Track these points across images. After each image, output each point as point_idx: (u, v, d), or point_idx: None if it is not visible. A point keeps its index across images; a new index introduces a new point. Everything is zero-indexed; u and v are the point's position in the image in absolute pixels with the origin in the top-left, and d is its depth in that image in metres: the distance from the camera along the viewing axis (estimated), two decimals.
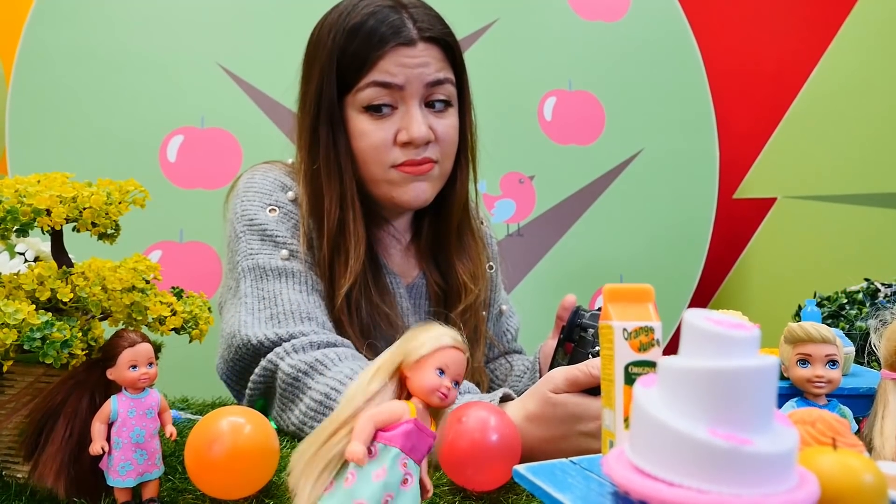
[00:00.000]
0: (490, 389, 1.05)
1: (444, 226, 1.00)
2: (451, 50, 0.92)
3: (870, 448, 0.56)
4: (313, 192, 0.92)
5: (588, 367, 0.64)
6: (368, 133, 0.89)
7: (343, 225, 0.90)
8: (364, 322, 0.91)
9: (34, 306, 0.54)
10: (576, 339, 0.84)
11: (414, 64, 0.87)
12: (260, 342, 0.81)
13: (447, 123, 0.92)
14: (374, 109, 0.88)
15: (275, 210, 0.92)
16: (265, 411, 0.82)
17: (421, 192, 0.92)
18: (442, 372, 0.45)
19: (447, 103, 0.92)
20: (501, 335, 1.13)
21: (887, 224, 2.04)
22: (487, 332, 1.06)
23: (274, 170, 0.97)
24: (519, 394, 1.05)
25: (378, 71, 0.87)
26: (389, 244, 1.00)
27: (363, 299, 0.91)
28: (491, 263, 1.11)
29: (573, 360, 0.80)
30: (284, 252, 0.89)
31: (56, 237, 0.60)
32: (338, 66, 0.89)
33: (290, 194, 0.94)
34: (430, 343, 0.46)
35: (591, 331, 0.81)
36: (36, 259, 0.92)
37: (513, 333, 1.15)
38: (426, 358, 0.46)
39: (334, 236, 0.90)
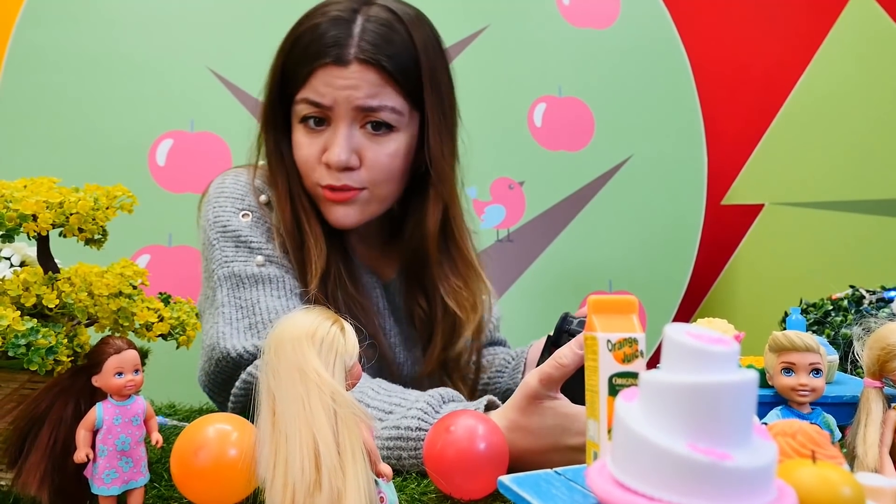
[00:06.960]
0: (474, 381, 1.04)
1: (423, 256, 0.96)
2: (395, 73, 0.85)
3: (853, 456, 0.57)
4: (273, 192, 0.93)
5: (555, 360, 0.62)
6: (302, 146, 0.89)
7: (298, 222, 0.90)
8: (342, 315, 0.91)
9: (19, 312, 0.54)
10: (562, 344, 0.84)
11: (342, 85, 0.84)
12: (239, 355, 0.80)
13: (381, 150, 0.87)
14: (307, 121, 0.88)
15: (248, 215, 0.90)
16: None
17: (343, 216, 0.90)
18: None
19: (390, 127, 0.87)
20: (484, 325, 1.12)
21: (873, 231, 2.06)
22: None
23: (246, 173, 0.96)
24: (496, 391, 1.04)
25: (308, 88, 0.86)
26: (357, 243, 0.99)
27: (339, 290, 0.90)
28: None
29: None
30: (260, 258, 0.88)
31: (42, 242, 0.60)
32: (282, 73, 0.90)
33: (263, 197, 0.93)
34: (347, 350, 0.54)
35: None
36: (22, 264, 0.91)
37: (494, 323, 1.14)
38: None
39: (292, 234, 0.90)
